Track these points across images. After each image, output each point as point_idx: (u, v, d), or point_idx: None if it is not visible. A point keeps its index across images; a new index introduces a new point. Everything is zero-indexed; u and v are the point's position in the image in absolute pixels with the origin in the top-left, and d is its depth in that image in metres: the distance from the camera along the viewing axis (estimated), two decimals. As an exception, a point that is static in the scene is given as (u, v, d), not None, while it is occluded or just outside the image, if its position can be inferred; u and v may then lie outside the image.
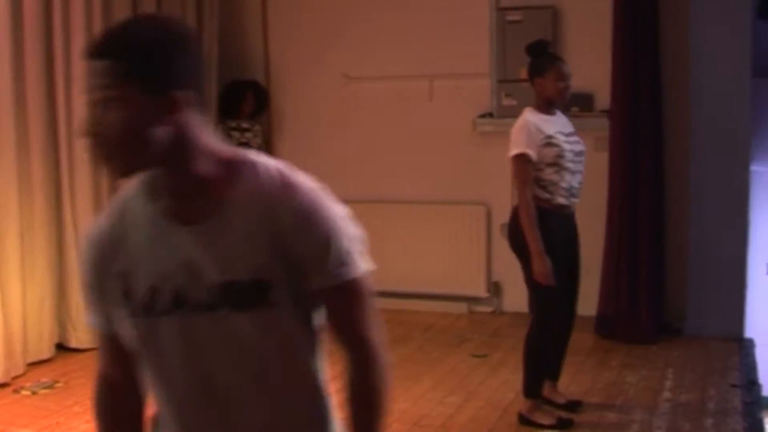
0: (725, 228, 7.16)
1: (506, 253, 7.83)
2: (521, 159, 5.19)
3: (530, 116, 5.28)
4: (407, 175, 8.29)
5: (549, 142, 5.19)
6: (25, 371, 6.39)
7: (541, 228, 5.15)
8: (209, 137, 2.00)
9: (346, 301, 2.09)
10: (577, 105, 7.48)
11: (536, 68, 5.37)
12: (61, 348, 6.93)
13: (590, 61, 7.54)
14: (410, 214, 8.22)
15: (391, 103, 8.34)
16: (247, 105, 8.35)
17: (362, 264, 2.14)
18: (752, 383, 6.16)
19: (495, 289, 8.03)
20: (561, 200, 5.25)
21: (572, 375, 6.11)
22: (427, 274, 8.12)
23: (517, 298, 7.84)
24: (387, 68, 8.31)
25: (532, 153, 5.16)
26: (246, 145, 8.25)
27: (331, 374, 2.11)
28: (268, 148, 8.57)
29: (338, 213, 2.06)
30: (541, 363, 5.42)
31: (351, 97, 8.47)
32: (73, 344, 6.91)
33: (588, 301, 7.28)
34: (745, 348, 6.95)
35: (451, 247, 8.09)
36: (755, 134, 7.43)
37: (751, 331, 7.31)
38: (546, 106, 5.34)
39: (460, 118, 8.03)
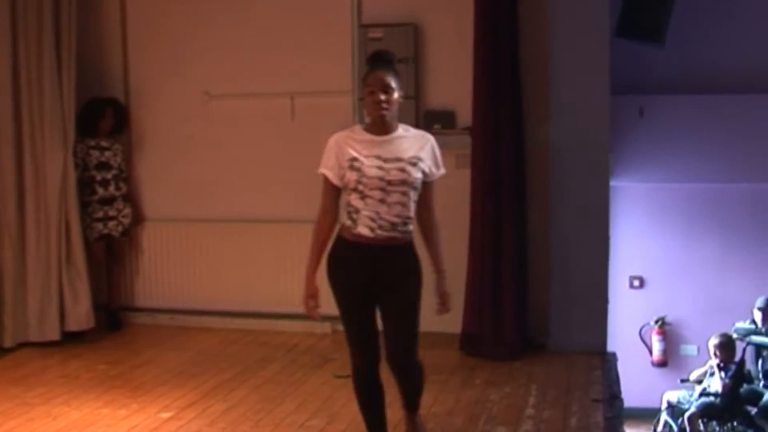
0: (586, 243, 7.22)
1: (371, 271, 7.83)
2: (323, 178, 4.79)
3: (343, 134, 4.81)
4: (271, 194, 8.17)
5: (352, 165, 4.63)
6: None
7: (335, 256, 4.81)
8: None
9: None
10: (439, 122, 7.49)
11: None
12: None
13: (452, 79, 7.57)
14: (273, 233, 8.11)
15: (252, 121, 8.22)
16: (106, 123, 8.14)
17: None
18: (614, 397, 6.20)
19: (360, 308, 7.95)
20: (363, 230, 4.66)
21: (435, 394, 6.06)
22: (290, 294, 7.97)
23: (381, 316, 7.80)
24: (248, 86, 8.19)
25: (330, 174, 4.73)
26: (106, 164, 8.05)
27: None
28: (128, 167, 8.36)
29: None
30: (360, 402, 5.03)
31: (212, 115, 8.33)
32: None
33: (452, 319, 7.25)
34: (607, 362, 7.01)
35: (315, 266, 7.98)
36: (613, 150, 7.53)
37: (613, 344, 7.39)
38: (372, 124, 4.76)
39: (322, 136, 7.83)
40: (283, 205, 8.13)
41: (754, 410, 9.30)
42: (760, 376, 9.68)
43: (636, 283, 11.01)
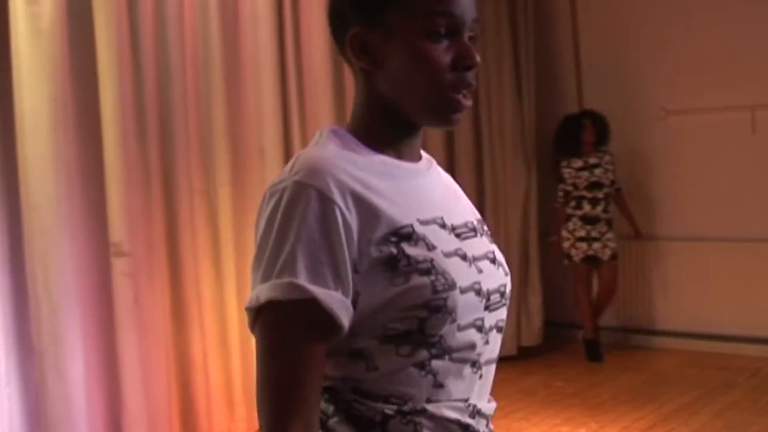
0: None
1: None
2: (289, 316, 1.50)
3: (341, 163, 1.60)
4: (731, 212, 7.84)
5: (415, 261, 1.56)
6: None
7: None
8: None
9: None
10: None
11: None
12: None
13: None
14: (736, 253, 7.76)
15: (710, 136, 7.94)
16: (588, 134, 7.81)
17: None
18: None
19: (829, 332, 7.48)
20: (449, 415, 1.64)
21: None
22: (754, 316, 7.64)
23: None
24: (705, 100, 7.93)
25: (330, 298, 1.50)
26: (597, 183, 7.80)
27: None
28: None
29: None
30: None
31: (670, 130, 8.15)
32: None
33: None
34: None
35: (781, 286, 7.59)
36: None
37: None
38: (399, 137, 1.72)
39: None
40: (746, 223, 7.78)
41: None
42: None
43: None
